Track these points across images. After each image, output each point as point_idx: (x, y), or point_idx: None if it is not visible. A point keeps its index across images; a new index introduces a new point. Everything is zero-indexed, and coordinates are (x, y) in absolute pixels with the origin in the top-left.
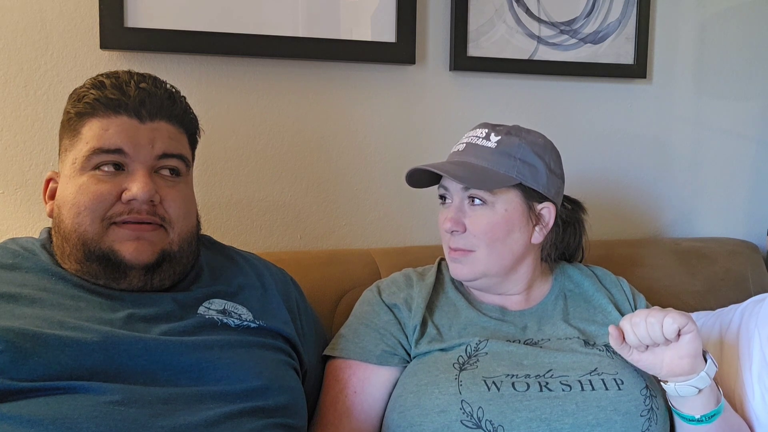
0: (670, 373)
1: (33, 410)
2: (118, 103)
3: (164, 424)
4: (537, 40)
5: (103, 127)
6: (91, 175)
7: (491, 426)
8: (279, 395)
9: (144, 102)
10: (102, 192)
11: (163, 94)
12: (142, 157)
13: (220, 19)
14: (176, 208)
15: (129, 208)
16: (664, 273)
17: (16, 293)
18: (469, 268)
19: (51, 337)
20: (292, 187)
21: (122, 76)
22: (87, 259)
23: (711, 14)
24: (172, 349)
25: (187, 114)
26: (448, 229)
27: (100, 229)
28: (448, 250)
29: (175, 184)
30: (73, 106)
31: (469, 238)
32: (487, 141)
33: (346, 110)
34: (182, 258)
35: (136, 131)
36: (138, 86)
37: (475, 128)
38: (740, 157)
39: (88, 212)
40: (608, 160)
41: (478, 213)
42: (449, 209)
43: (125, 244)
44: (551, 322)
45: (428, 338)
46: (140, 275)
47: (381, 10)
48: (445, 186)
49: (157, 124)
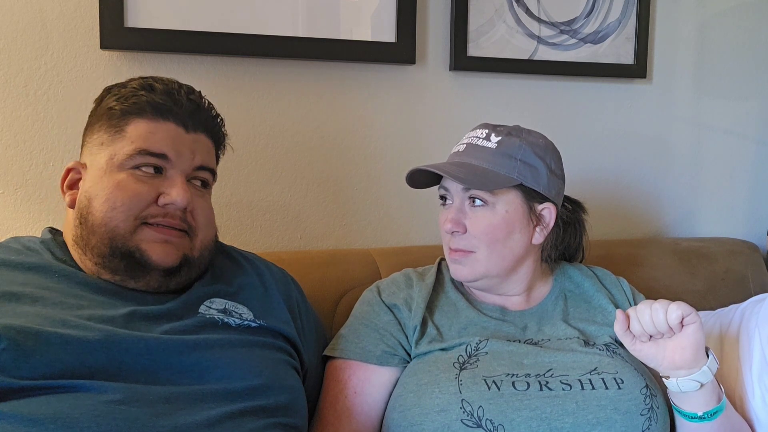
0: (672, 365)
1: (34, 409)
2: (168, 109)
3: (165, 423)
4: (537, 40)
5: (151, 130)
6: (131, 173)
7: (491, 425)
8: (279, 394)
9: (193, 114)
10: (141, 192)
11: (207, 109)
12: (183, 165)
13: (220, 19)
14: (203, 217)
15: (164, 211)
16: (664, 273)
17: (18, 291)
18: (470, 269)
19: (53, 335)
20: (292, 187)
21: (170, 83)
22: (111, 254)
23: (711, 14)
24: (173, 348)
25: (221, 131)
26: (449, 230)
27: (131, 227)
28: (449, 250)
29: (203, 195)
30: (119, 102)
31: (470, 239)
32: (488, 142)
33: (346, 110)
34: (200, 264)
35: (181, 139)
36: (188, 97)
37: (476, 129)
38: (740, 157)
39: (124, 208)
40: (608, 160)
41: (478, 214)
42: (449, 210)
43: (153, 246)
44: (551, 322)
45: (428, 338)
46: (160, 277)
47: (381, 10)
48: (445, 187)
49: (199, 137)
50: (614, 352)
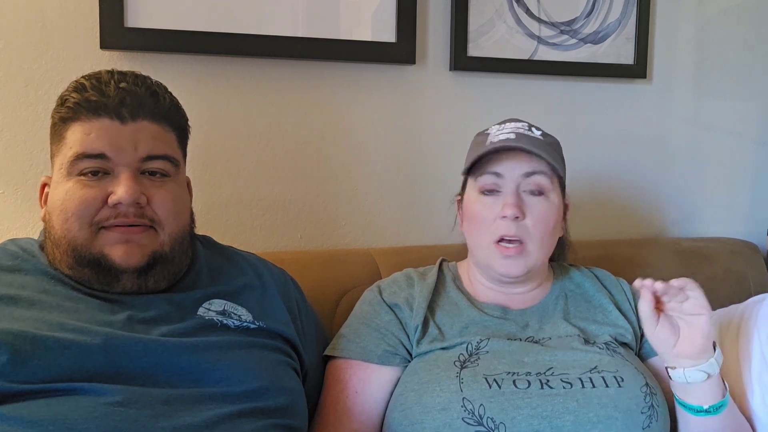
0: (681, 353)
1: (33, 411)
2: (98, 105)
3: (164, 425)
4: (537, 40)
5: (86, 132)
6: (77, 180)
7: (492, 423)
8: (279, 396)
9: (124, 101)
10: (87, 197)
11: (144, 92)
12: (126, 159)
13: (220, 19)
14: (165, 209)
15: (116, 212)
16: (664, 273)
17: (16, 295)
18: (523, 264)
19: (50, 339)
20: (292, 187)
21: (103, 76)
22: (78, 264)
23: (711, 14)
24: (171, 350)
25: (172, 110)
26: (512, 216)
27: (89, 234)
28: (496, 244)
29: (163, 184)
30: (57, 111)
31: (526, 228)
32: (532, 132)
33: (346, 110)
34: (175, 258)
35: (118, 134)
36: (118, 86)
37: (507, 122)
38: (740, 157)
39: (75, 218)
40: (608, 160)
41: (535, 202)
42: (505, 196)
43: (114, 248)
44: (552, 320)
45: (430, 338)
46: (133, 278)
47: (381, 10)
48: (497, 173)
49: (140, 125)
50: (614, 351)
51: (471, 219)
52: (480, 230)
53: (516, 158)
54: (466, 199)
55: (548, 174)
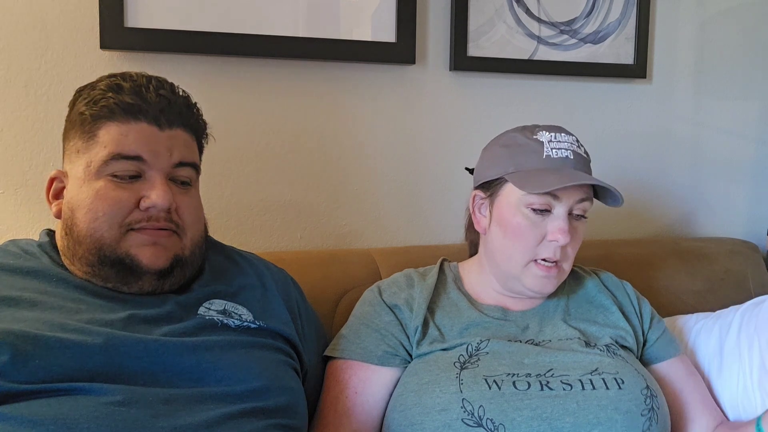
0: None
1: (35, 411)
2: (138, 109)
3: (165, 425)
4: (537, 40)
5: (122, 133)
6: (109, 180)
7: (492, 424)
8: (279, 396)
9: (164, 110)
10: (121, 199)
11: (181, 102)
12: (161, 164)
13: (221, 19)
14: (189, 214)
15: (147, 215)
16: (664, 273)
17: (17, 296)
18: (556, 282)
19: (52, 339)
20: (292, 187)
21: (138, 79)
22: (101, 263)
23: (711, 14)
24: (172, 350)
25: (199, 121)
26: (565, 243)
27: (117, 234)
28: (534, 262)
29: (188, 191)
30: (88, 107)
31: (567, 251)
32: (580, 148)
33: (346, 110)
34: (193, 262)
35: (155, 138)
36: (158, 93)
37: (558, 132)
38: (740, 157)
39: (106, 218)
40: (608, 160)
41: (579, 226)
42: (557, 220)
43: (142, 249)
44: (552, 323)
45: (430, 339)
46: (153, 280)
47: (381, 10)
48: (556, 195)
49: (175, 132)
50: (615, 353)
51: (510, 231)
52: (520, 246)
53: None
54: (503, 205)
55: (592, 198)
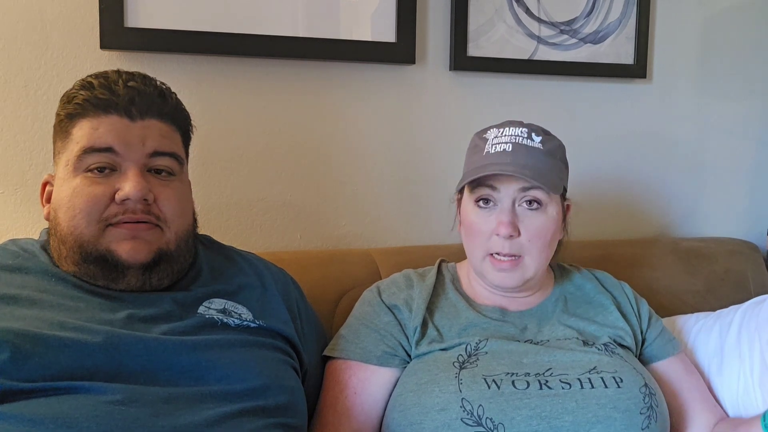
0: None
1: (34, 409)
2: (107, 103)
3: (165, 424)
4: (537, 40)
5: (93, 127)
6: (84, 176)
7: (492, 424)
8: (279, 395)
9: (134, 100)
10: (96, 194)
11: (153, 91)
12: (134, 155)
13: (220, 19)
14: (171, 206)
15: (123, 208)
16: (664, 273)
17: (17, 295)
18: (519, 276)
19: (51, 338)
20: (292, 187)
21: (111, 75)
22: (84, 261)
23: (711, 14)
24: (172, 349)
25: (178, 111)
26: (506, 235)
27: (96, 230)
28: (492, 257)
29: (169, 183)
30: (63, 107)
31: (522, 243)
32: (531, 141)
33: (346, 110)
34: (180, 257)
35: (126, 130)
36: (127, 85)
37: (507, 126)
38: (740, 157)
39: (83, 215)
40: (608, 160)
41: (532, 216)
42: (501, 213)
43: (121, 244)
44: (550, 323)
45: (429, 339)
46: (138, 275)
47: (381, 10)
48: (493, 186)
49: (148, 122)
50: (613, 351)
51: (467, 228)
52: (475, 241)
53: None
54: (463, 205)
55: (543, 187)
